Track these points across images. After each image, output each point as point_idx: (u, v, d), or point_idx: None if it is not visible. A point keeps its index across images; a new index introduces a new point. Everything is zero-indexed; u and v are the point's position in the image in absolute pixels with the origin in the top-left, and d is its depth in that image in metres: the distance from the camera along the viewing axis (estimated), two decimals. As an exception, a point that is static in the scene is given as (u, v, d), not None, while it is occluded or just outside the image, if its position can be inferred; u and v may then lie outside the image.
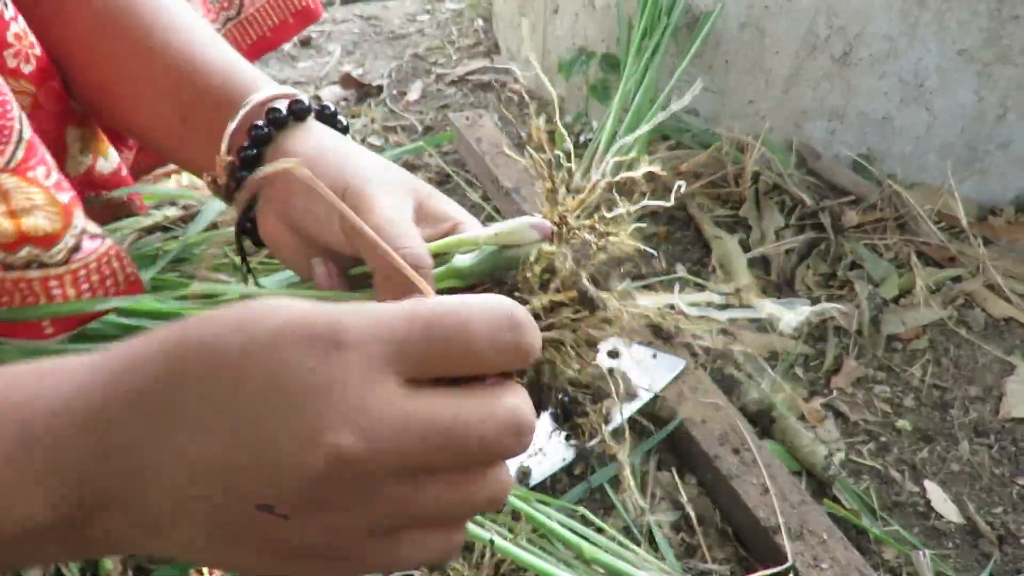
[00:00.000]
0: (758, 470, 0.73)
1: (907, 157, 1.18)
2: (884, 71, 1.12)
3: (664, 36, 1.16)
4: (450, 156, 1.31)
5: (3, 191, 0.41)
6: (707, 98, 1.25)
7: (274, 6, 0.82)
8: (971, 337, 0.98)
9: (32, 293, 0.43)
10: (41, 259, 0.43)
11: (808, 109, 1.19)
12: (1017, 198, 1.18)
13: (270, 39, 0.83)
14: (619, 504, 0.74)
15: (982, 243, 1.09)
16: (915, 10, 1.07)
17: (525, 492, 0.69)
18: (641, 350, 0.84)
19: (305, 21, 0.83)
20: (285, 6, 0.82)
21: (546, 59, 1.47)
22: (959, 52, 1.08)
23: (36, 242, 0.42)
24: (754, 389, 0.86)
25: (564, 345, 0.37)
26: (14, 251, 0.42)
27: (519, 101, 1.50)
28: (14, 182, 0.41)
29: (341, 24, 1.84)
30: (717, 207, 1.17)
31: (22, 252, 0.42)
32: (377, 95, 1.52)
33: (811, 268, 1.08)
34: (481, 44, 1.72)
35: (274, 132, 0.45)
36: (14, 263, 0.42)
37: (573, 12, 1.37)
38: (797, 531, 0.68)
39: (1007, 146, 1.14)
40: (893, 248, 1.11)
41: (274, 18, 0.83)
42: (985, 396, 0.91)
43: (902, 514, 0.78)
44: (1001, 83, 1.09)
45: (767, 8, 1.14)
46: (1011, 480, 0.82)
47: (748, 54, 1.19)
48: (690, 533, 0.73)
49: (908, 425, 0.87)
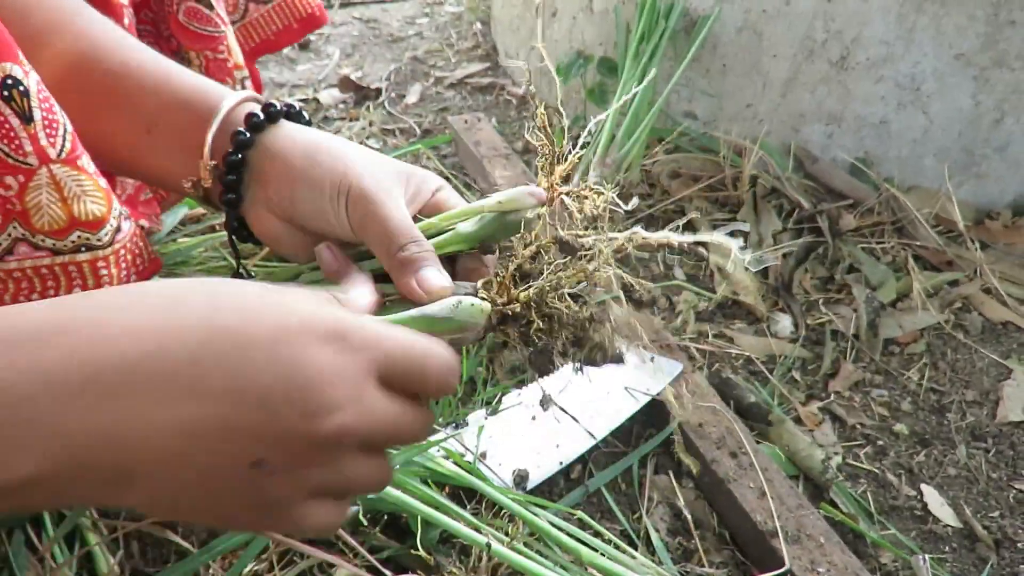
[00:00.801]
0: (755, 474, 0.73)
1: (904, 161, 1.18)
2: (881, 75, 1.12)
3: (662, 40, 1.16)
4: (449, 159, 1.31)
5: (57, 181, 0.43)
6: (705, 101, 1.25)
7: (279, 12, 0.83)
8: (968, 341, 0.98)
9: (81, 275, 0.46)
10: (90, 242, 0.46)
11: (806, 113, 1.19)
12: (1014, 202, 1.19)
13: (273, 42, 0.84)
14: (616, 508, 0.74)
15: (979, 247, 1.10)
16: (912, 15, 1.07)
17: (522, 496, 0.69)
18: (639, 354, 0.84)
19: (309, 27, 0.84)
20: (290, 12, 0.83)
21: (544, 63, 1.47)
22: (956, 56, 1.08)
23: (86, 226, 0.45)
24: (751, 393, 0.86)
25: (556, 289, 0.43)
26: (63, 237, 0.45)
27: (517, 104, 1.50)
28: (65, 171, 0.44)
29: (340, 27, 1.84)
30: (715, 210, 1.17)
31: (72, 237, 0.45)
32: (376, 98, 1.52)
33: (809, 271, 1.08)
34: (479, 47, 1.72)
35: (261, 130, 0.48)
36: (63, 248, 0.45)
37: (571, 16, 1.37)
38: (794, 535, 0.68)
39: (1004, 150, 1.14)
40: (890, 252, 1.11)
41: (278, 23, 0.83)
42: (982, 400, 0.91)
43: (899, 518, 0.78)
44: (998, 87, 1.09)
45: (764, 12, 1.14)
46: (1008, 484, 0.82)
47: (746, 58, 1.19)
48: (687, 537, 0.73)
49: (905, 429, 0.87)
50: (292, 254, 0.50)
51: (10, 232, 0.43)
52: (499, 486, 0.69)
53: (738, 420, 0.80)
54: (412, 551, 0.64)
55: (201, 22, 0.71)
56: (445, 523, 0.60)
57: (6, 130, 0.41)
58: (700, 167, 1.22)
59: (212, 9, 0.71)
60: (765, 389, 0.90)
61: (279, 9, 0.83)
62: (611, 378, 0.81)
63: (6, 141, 0.42)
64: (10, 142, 0.42)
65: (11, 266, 0.44)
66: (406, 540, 0.66)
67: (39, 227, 0.44)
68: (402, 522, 0.68)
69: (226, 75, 0.75)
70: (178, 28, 0.71)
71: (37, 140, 0.42)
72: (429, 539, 0.66)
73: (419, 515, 0.62)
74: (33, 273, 0.45)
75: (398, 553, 0.66)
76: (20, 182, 0.42)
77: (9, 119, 0.41)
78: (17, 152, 0.42)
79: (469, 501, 0.70)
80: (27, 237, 0.44)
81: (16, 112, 0.41)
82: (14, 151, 0.42)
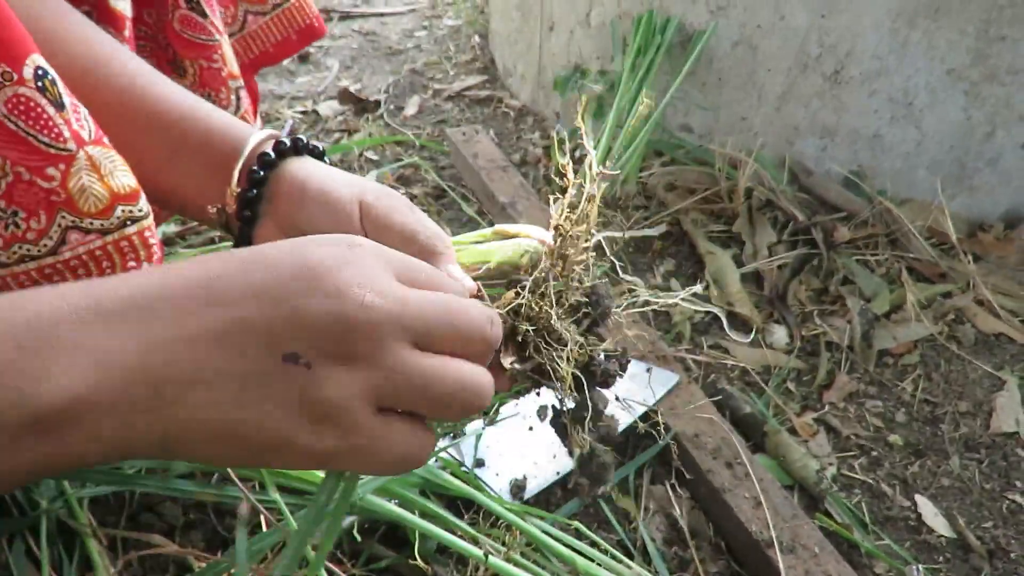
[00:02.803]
0: (751, 484, 0.74)
1: (897, 174, 1.20)
2: (874, 89, 1.14)
3: (658, 54, 1.18)
4: (447, 171, 1.32)
5: (93, 161, 0.44)
6: (701, 115, 1.27)
7: (277, 23, 0.83)
8: (961, 352, 0.99)
9: (133, 249, 0.47)
10: (132, 214, 0.46)
11: (800, 126, 1.21)
12: (1006, 214, 1.20)
13: (272, 54, 0.84)
14: (613, 518, 0.75)
15: (972, 259, 1.11)
16: (904, 30, 1.09)
17: (519, 506, 0.69)
18: (636, 365, 0.85)
19: (308, 39, 0.84)
20: (289, 23, 0.84)
21: (542, 76, 1.49)
22: (948, 71, 1.10)
23: (126, 199, 0.46)
24: (747, 403, 0.87)
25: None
26: (109, 215, 0.45)
27: (515, 117, 1.51)
28: (99, 151, 0.44)
29: (339, 40, 1.85)
30: (711, 223, 1.18)
31: (116, 213, 0.45)
32: (375, 110, 1.53)
33: (803, 283, 1.09)
34: (478, 60, 1.73)
35: (285, 157, 0.51)
36: (111, 227, 0.45)
37: (568, 29, 1.38)
38: (789, 545, 0.69)
39: (995, 163, 1.15)
40: (884, 264, 1.12)
41: (277, 35, 0.84)
42: (975, 411, 0.92)
43: (893, 528, 0.79)
44: (989, 101, 1.10)
45: (759, 27, 1.16)
46: (1001, 495, 0.82)
47: (741, 72, 1.20)
48: (683, 547, 0.73)
49: (899, 440, 0.88)
50: None
51: (59, 222, 0.44)
52: (496, 496, 0.69)
53: (734, 431, 0.80)
54: (410, 561, 0.64)
55: (195, 30, 0.71)
56: (442, 536, 0.60)
57: (44, 120, 0.42)
58: (696, 179, 1.23)
59: (206, 18, 0.71)
60: (760, 400, 0.90)
61: (278, 21, 0.83)
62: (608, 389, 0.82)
63: (46, 131, 0.42)
64: (49, 132, 0.42)
65: (66, 256, 0.45)
66: (403, 550, 0.67)
67: (86, 211, 0.44)
68: (399, 532, 0.69)
69: (220, 84, 0.75)
70: (174, 36, 0.72)
71: (70, 124, 0.43)
72: (426, 549, 0.66)
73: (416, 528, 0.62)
74: (89, 258, 0.46)
75: (395, 563, 0.66)
76: (62, 170, 0.43)
77: (46, 109, 0.42)
78: (58, 140, 0.42)
79: (467, 511, 0.70)
80: (77, 224, 0.44)
81: (51, 101, 0.42)
82: (55, 139, 0.42)
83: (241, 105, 0.78)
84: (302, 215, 0.49)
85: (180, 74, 0.74)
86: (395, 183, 1.27)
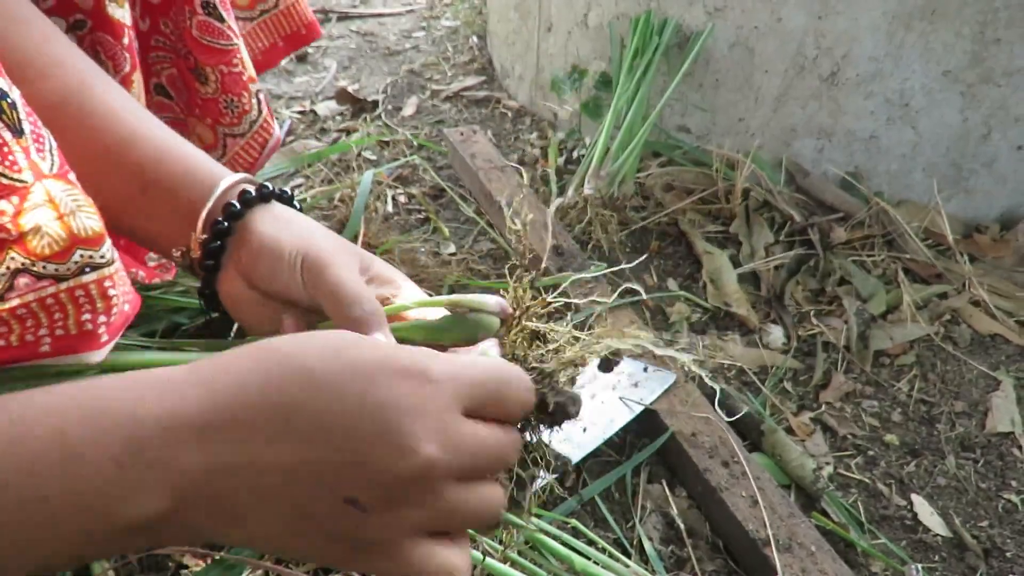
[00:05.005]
0: (747, 483, 0.74)
1: (894, 175, 1.20)
2: (871, 91, 1.14)
3: (656, 55, 1.18)
4: (444, 171, 1.32)
5: (52, 197, 0.40)
6: (698, 116, 1.27)
7: (270, 26, 0.83)
8: (957, 353, 1.00)
9: (89, 299, 0.42)
10: (93, 260, 0.41)
11: (797, 127, 1.21)
12: (1002, 215, 1.21)
13: (260, 62, 0.84)
14: (610, 517, 0.75)
15: (968, 260, 1.11)
16: (900, 32, 1.09)
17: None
18: (633, 364, 0.85)
19: (303, 41, 0.84)
20: (276, 29, 0.83)
21: (540, 76, 1.49)
22: (944, 73, 1.10)
23: (86, 243, 0.41)
24: (744, 403, 0.87)
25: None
26: (65, 259, 0.40)
27: (513, 117, 1.51)
28: (60, 187, 0.40)
29: (337, 40, 1.85)
30: (708, 223, 1.19)
31: (74, 257, 0.40)
32: (372, 110, 1.53)
33: (800, 284, 1.09)
34: (475, 61, 1.74)
35: (251, 207, 0.52)
36: (66, 273, 0.40)
37: (566, 31, 1.39)
38: (786, 544, 0.69)
39: (991, 164, 1.16)
40: (881, 264, 1.12)
41: (264, 41, 0.84)
42: (971, 411, 0.92)
43: (889, 527, 0.79)
44: (985, 103, 1.11)
45: (756, 29, 1.16)
46: (996, 494, 0.83)
47: (738, 73, 1.21)
48: (680, 546, 0.74)
49: (895, 439, 0.88)
50: (251, 322, 0.53)
51: (8, 264, 0.38)
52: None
53: (730, 430, 0.80)
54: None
55: (213, 36, 0.71)
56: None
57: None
58: (693, 180, 1.23)
59: (223, 22, 0.71)
60: (757, 399, 0.91)
61: (270, 23, 0.83)
62: (605, 388, 0.82)
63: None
64: (3, 159, 0.38)
65: (13, 303, 0.39)
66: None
67: (39, 253, 0.39)
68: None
69: (241, 88, 0.75)
70: (193, 43, 0.71)
71: (29, 154, 0.39)
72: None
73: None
74: (39, 307, 0.40)
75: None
76: (15, 204, 0.38)
77: (1, 133, 0.38)
78: (12, 169, 0.38)
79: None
80: (27, 267, 0.39)
81: (7, 125, 0.38)
82: (8, 167, 0.38)
83: (262, 109, 0.78)
84: (258, 269, 0.50)
85: (202, 82, 0.74)
86: (393, 183, 1.27)
